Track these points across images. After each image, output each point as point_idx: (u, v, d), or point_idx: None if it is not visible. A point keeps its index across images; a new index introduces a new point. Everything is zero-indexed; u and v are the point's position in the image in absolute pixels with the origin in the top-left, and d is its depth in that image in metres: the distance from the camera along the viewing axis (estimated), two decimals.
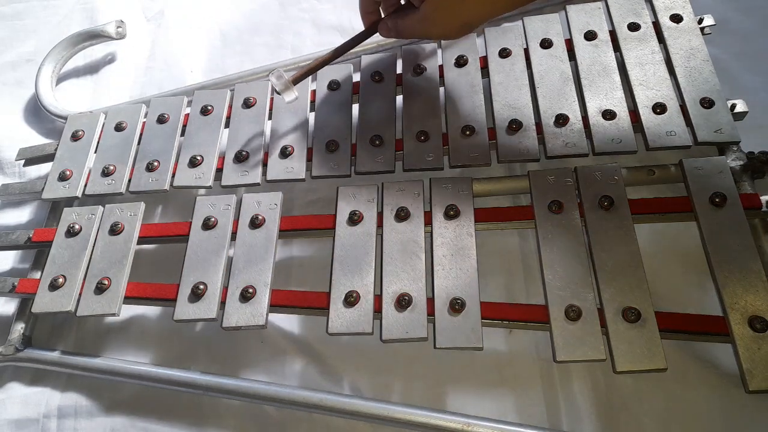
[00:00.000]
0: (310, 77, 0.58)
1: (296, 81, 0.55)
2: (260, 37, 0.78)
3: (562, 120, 0.55)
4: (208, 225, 0.55)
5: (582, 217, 0.50)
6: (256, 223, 0.54)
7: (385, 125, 0.58)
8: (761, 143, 0.54)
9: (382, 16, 0.55)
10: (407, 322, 0.48)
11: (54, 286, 0.53)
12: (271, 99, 0.62)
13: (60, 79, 0.76)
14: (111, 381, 0.55)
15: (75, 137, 0.63)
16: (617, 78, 0.57)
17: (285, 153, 0.58)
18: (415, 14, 0.50)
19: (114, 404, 0.54)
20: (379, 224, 0.53)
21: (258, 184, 0.58)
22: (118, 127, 0.63)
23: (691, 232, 0.50)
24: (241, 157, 0.58)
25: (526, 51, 0.61)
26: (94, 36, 0.75)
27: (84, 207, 0.59)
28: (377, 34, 0.56)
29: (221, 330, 0.50)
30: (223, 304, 0.51)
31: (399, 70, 0.62)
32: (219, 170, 0.59)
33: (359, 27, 0.57)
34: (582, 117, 0.56)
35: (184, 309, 0.51)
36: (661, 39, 0.59)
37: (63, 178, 0.60)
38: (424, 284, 0.49)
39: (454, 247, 0.50)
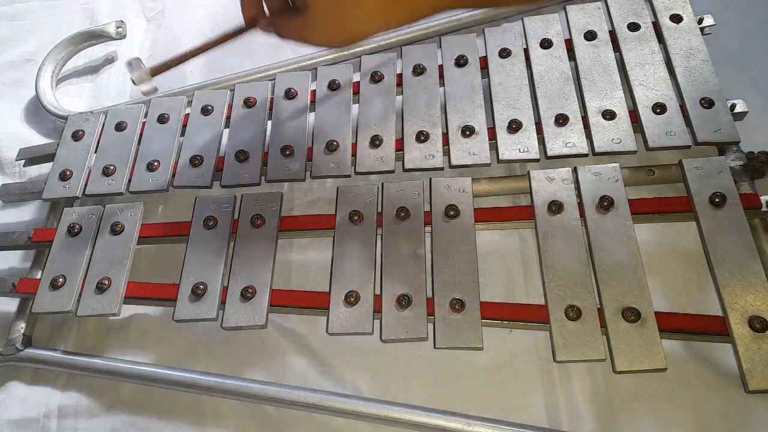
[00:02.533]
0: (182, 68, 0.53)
1: (155, 72, 0.51)
2: (260, 37, 0.78)
3: (562, 120, 0.55)
4: (208, 225, 0.55)
5: (582, 217, 0.50)
6: (256, 223, 0.54)
7: (385, 125, 0.58)
8: (761, 143, 0.54)
9: (266, 12, 0.50)
10: (407, 322, 0.48)
11: (54, 286, 0.53)
12: (271, 99, 0.63)
13: (60, 79, 0.76)
14: (111, 381, 0.55)
15: (75, 137, 0.63)
16: (617, 78, 0.57)
17: (285, 153, 0.58)
18: (298, 18, 0.46)
19: (114, 404, 0.54)
20: (379, 224, 0.53)
21: (258, 184, 0.58)
22: (119, 127, 0.63)
23: (691, 232, 0.50)
24: (241, 157, 0.58)
25: (526, 51, 0.61)
26: (94, 36, 0.75)
27: (84, 207, 0.59)
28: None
29: (221, 330, 0.50)
30: (223, 304, 0.51)
31: (399, 70, 0.62)
32: (219, 170, 0.59)
33: None
34: (582, 117, 0.56)
35: (185, 309, 0.51)
36: (661, 39, 0.59)
37: (63, 177, 0.60)
38: (424, 284, 0.49)
39: (454, 247, 0.50)
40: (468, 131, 0.56)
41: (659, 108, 0.54)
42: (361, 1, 0.43)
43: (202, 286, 0.51)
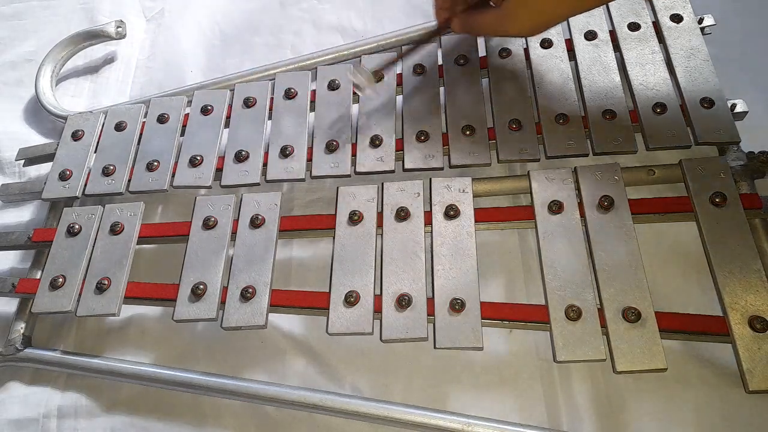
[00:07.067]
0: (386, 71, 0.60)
1: (378, 74, 0.56)
2: (260, 36, 0.78)
3: (562, 120, 0.55)
4: (208, 225, 0.55)
5: (582, 217, 0.50)
6: (256, 223, 0.54)
7: (385, 125, 0.58)
8: (761, 143, 0.54)
9: (457, 13, 0.54)
10: (407, 322, 0.47)
11: (54, 286, 0.53)
12: (271, 99, 0.62)
13: (60, 79, 0.76)
14: (111, 381, 0.55)
15: (75, 137, 0.63)
16: (617, 78, 0.57)
17: (285, 153, 0.58)
18: (494, 11, 0.49)
19: (114, 404, 0.54)
20: (379, 224, 0.53)
21: (258, 184, 0.58)
22: (118, 127, 0.63)
23: (691, 232, 0.50)
24: (241, 157, 0.58)
25: (526, 51, 0.61)
26: (94, 36, 0.75)
27: (84, 207, 0.59)
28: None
29: (221, 330, 0.50)
30: (223, 304, 0.51)
31: (399, 70, 0.62)
32: (219, 170, 0.59)
33: (359, 27, 0.57)
34: (582, 117, 0.56)
35: (184, 309, 0.51)
36: (661, 39, 0.59)
37: (63, 177, 0.60)
38: (424, 284, 0.49)
39: (454, 247, 0.50)
40: (468, 131, 0.56)
41: (659, 108, 0.54)
42: None
43: (201, 286, 0.51)
